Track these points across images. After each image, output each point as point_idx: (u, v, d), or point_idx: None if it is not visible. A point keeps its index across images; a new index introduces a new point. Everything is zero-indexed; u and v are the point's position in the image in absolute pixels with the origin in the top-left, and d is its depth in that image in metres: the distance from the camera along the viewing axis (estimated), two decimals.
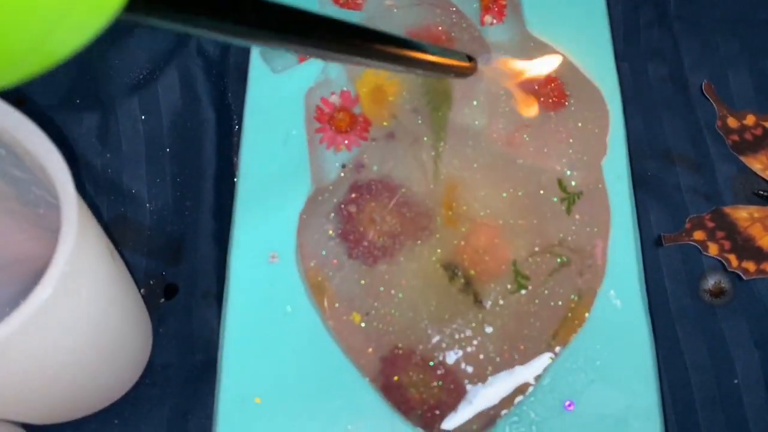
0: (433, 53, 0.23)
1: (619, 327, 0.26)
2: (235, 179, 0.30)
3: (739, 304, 0.32)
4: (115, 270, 0.26)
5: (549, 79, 0.31)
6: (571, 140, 0.29)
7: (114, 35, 0.38)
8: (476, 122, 0.30)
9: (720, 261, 0.32)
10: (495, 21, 0.32)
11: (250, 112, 0.30)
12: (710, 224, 0.33)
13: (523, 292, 0.27)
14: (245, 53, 0.34)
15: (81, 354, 0.26)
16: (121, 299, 0.28)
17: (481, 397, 0.26)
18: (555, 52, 0.31)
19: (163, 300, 0.33)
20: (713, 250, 0.33)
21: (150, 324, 0.32)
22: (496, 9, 0.32)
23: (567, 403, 0.25)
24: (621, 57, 0.36)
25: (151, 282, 0.34)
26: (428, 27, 0.32)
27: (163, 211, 0.35)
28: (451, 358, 0.26)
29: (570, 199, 0.28)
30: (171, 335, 0.32)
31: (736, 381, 0.31)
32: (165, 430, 0.31)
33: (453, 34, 0.31)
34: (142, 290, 0.33)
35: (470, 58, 0.26)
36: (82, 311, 0.24)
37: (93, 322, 0.25)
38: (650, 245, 0.33)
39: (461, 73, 0.26)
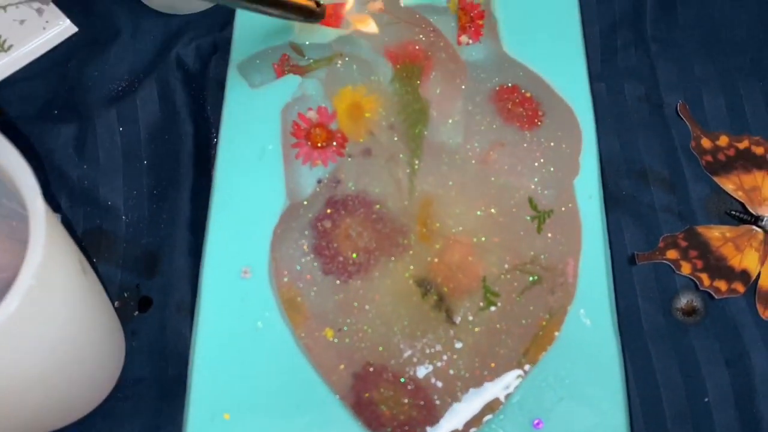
0: None
1: (588, 346, 0.26)
2: (209, 200, 0.30)
3: (710, 323, 0.32)
4: (86, 284, 0.26)
5: (524, 99, 0.31)
6: (543, 159, 0.30)
7: (93, 47, 0.38)
8: (451, 140, 0.30)
9: (692, 280, 0.33)
10: (471, 41, 0.32)
11: (227, 126, 0.30)
12: (683, 243, 0.34)
13: (493, 309, 0.27)
14: (225, 66, 0.34)
15: (50, 368, 0.26)
16: (92, 313, 0.27)
17: (451, 414, 0.26)
18: (531, 73, 0.32)
19: (137, 313, 0.33)
20: (686, 269, 0.33)
21: (123, 337, 0.32)
22: (473, 29, 0.32)
23: (536, 421, 0.25)
24: (598, 77, 0.37)
25: (126, 294, 0.33)
26: (406, 45, 0.32)
27: (139, 223, 0.35)
28: (422, 374, 0.26)
29: (540, 217, 0.28)
30: (144, 349, 0.32)
31: (706, 399, 0.31)
32: None
33: (430, 53, 0.32)
34: (116, 303, 0.33)
35: (318, 3, 0.29)
36: (51, 325, 0.23)
37: (63, 337, 0.25)
38: (624, 263, 0.33)
39: (310, 17, 0.29)
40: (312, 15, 0.30)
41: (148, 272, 0.34)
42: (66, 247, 0.24)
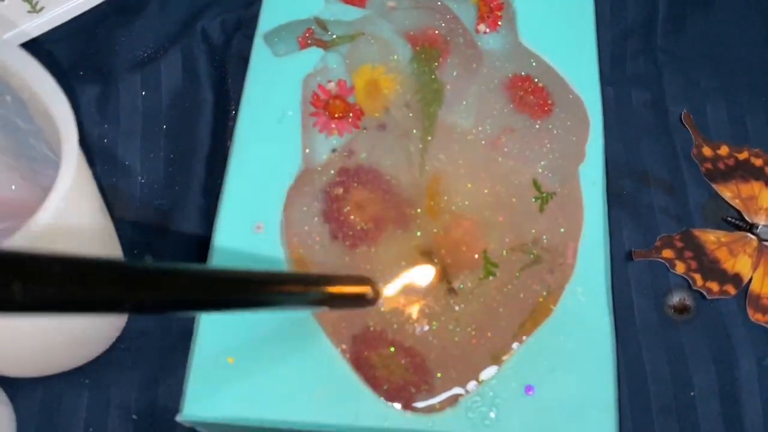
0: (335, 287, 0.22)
1: (582, 321, 0.27)
2: (228, 159, 0.31)
3: (700, 322, 0.33)
4: (106, 225, 0.27)
5: (536, 89, 0.32)
6: (551, 146, 0.31)
7: (122, 14, 0.40)
8: (464, 121, 0.31)
9: (686, 279, 0.34)
10: (488, 30, 0.33)
11: (250, 88, 0.32)
12: (679, 244, 0.34)
13: (491, 278, 0.28)
14: (248, 42, 0.35)
15: None
16: (101, 255, 0.28)
17: (446, 379, 0.26)
18: (545, 63, 0.33)
19: None
20: (680, 268, 0.34)
21: None
22: (491, 19, 0.33)
23: (528, 387, 0.26)
24: (607, 82, 0.38)
25: (135, 252, 0.34)
26: (426, 29, 0.33)
27: (153, 185, 0.36)
28: (420, 340, 0.27)
29: (543, 198, 0.29)
30: None
31: (692, 393, 0.32)
32: (135, 394, 0.31)
33: (448, 39, 0.33)
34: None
35: (377, 292, 0.26)
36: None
37: None
38: (621, 259, 0.34)
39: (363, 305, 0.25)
40: (365, 303, 0.26)
41: (159, 233, 0.35)
42: (90, 185, 0.25)
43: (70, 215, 0.22)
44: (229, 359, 0.26)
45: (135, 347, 0.32)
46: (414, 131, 0.31)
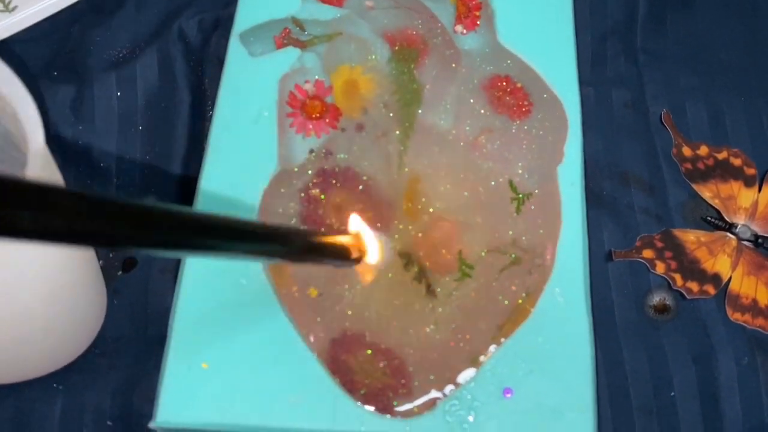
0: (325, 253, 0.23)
1: (561, 322, 0.27)
2: (202, 161, 0.31)
3: (680, 322, 0.33)
4: None
5: (515, 89, 0.32)
6: (529, 147, 0.30)
7: (97, 14, 0.39)
8: (442, 122, 0.31)
9: (666, 279, 0.34)
10: (465, 31, 0.33)
11: (226, 89, 0.31)
12: (659, 244, 0.34)
13: (469, 280, 0.28)
14: (225, 43, 0.35)
15: (29, 309, 0.26)
16: (75, 264, 0.28)
17: (424, 382, 0.26)
18: (523, 64, 0.33)
19: (120, 273, 0.33)
20: (660, 268, 0.34)
21: (105, 293, 0.32)
22: (470, 19, 0.33)
23: (506, 390, 0.26)
24: (587, 83, 0.38)
25: (111, 254, 0.34)
26: (404, 30, 0.33)
27: (129, 187, 0.35)
28: (398, 342, 0.27)
29: (520, 199, 0.29)
30: (125, 308, 0.33)
31: (672, 393, 0.32)
32: (109, 400, 0.31)
33: (427, 39, 0.33)
34: (100, 261, 0.33)
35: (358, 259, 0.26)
36: (35, 263, 0.24)
37: (45, 278, 0.25)
38: (601, 259, 0.34)
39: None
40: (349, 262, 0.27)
41: None
42: None
43: None
44: (203, 364, 0.26)
45: (110, 352, 0.32)
46: (393, 132, 0.31)
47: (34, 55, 0.38)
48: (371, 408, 0.26)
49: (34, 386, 0.30)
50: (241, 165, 0.30)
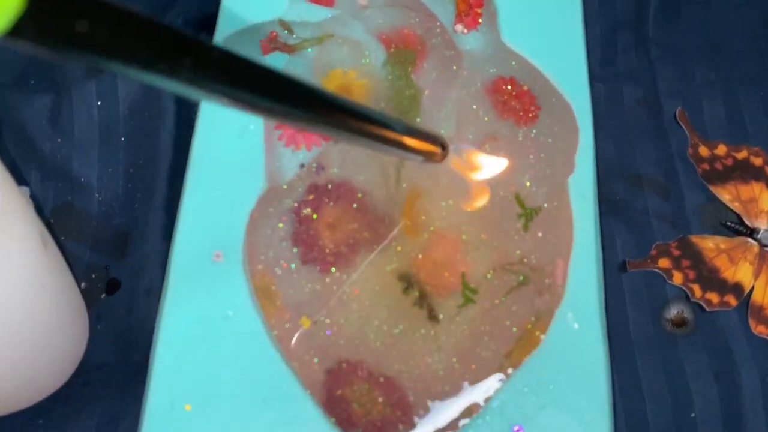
0: (410, 134, 0.22)
1: (575, 351, 0.25)
2: (184, 181, 0.29)
3: (700, 336, 0.32)
4: (46, 258, 0.25)
5: (521, 92, 0.30)
6: (539, 155, 0.28)
7: None
8: (443, 131, 0.29)
9: (684, 290, 0.32)
10: (465, 30, 0.31)
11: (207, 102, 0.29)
12: (676, 252, 0.33)
13: (471, 306, 0.26)
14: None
15: (5, 336, 0.24)
16: (52, 290, 0.26)
17: (427, 416, 0.24)
18: (529, 65, 0.30)
19: (104, 295, 0.32)
20: (678, 278, 0.32)
21: (87, 319, 0.31)
22: (470, 17, 0.31)
23: (516, 427, 0.24)
24: (597, 79, 0.36)
25: (93, 275, 0.32)
26: (401, 30, 0.31)
27: (112, 202, 0.33)
28: (398, 373, 0.25)
29: (527, 215, 0.27)
30: (109, 333, 0.31)
31: (693, 414, 0.30)
32: None
33: (425, 39, 0.31)
34: (82, 284, 0.32)
35: (444, 146, 0.24)
36: (1, 295, 0.22)
37: (17, 310, 0.24)
38: (614, 270, 0.32)
39: (430, 159, 0.24)
40: (433, 159, 0.25)
41: (118, 253, 0.32)
42: (25, 216, 0.22)
43: None
44: (186, 406, 0.24)
45: (93, 381, 0.30)
46: None
47: (9, 62, 0.36)
48: None
49: (13, 421, 0.29)
50: (225, 184, 0.28)
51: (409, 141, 0.21)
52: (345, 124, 0.19)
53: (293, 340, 0.25)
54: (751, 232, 0.33)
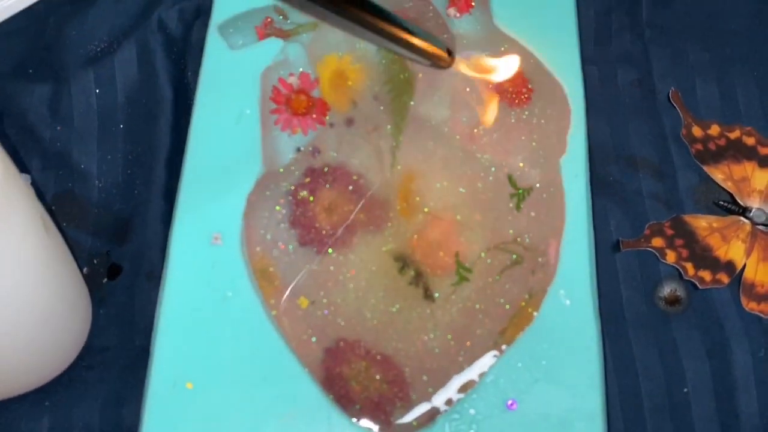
0: (417, 36, 0.24)
1: (567, 327, 0.26)
2: (182, 166, 0.29)
3: (693, 314, 0.32)
4: (48, 243, 0.25)
5: (514, 75, 0.30)
6: (530, 137, 0.29)
7: (73, 5, 0.37)
8: (437, 114, 0.29)
9: (677, 269, 0.32)
10: (458, 14, 0.31)
11: (204, 87, 0.29)
12: (669, 231, 0.33)
13: (466, 285, 0.26)
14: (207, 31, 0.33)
15: (10, 321, 0.25)
16: (55, 275, 0.26)
17: (423, 392, 0.25)
18: (521, 47, 0.31)
19: (106, 280, 0.32)
20: (671, 257, 0.32)
21: (90, 304, 0.31)
22: (463, 1, 0.31)
23: (510, 401, 0.25)
24: (590, 60, 0.36)
25: (95, 261, 0.32)
26: (395, 12, 0.31)
27: (112, 189, 0.34)
28: (395, 351, 0.26)
29: (520, 195, 0.27)
30: (112, 317, 0.31)
31: (686, 390, 0.31)
32: (98, 415, 0.29)
33: (418, 21, 0.31)
34: (84, 269, 0.32)
35: (450, 52, 0.25)
36: (5, 280, 0.22)
37: (21, 295, 0.24)
38: (608, 250, 0.32)
39: (437, 63, 0.26)
40: (441, 63, 0.26)
41: (119, 239, 0.33)
42: (25, 201, 0.23)
43: None
44: (188, 384, 0.24)
45: (97, 364, 0.30)
46: (384, 126, 0.29)
47: (9, 51, 0.36)
48: (368, 423, 0.24)
49: (20, 403, 0.29)
50: (223, 168, 0.28)
51: (418, 41, 0.24)
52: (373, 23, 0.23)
53: (292, 320, 0.26)
54: (744, 211, 0.34)
